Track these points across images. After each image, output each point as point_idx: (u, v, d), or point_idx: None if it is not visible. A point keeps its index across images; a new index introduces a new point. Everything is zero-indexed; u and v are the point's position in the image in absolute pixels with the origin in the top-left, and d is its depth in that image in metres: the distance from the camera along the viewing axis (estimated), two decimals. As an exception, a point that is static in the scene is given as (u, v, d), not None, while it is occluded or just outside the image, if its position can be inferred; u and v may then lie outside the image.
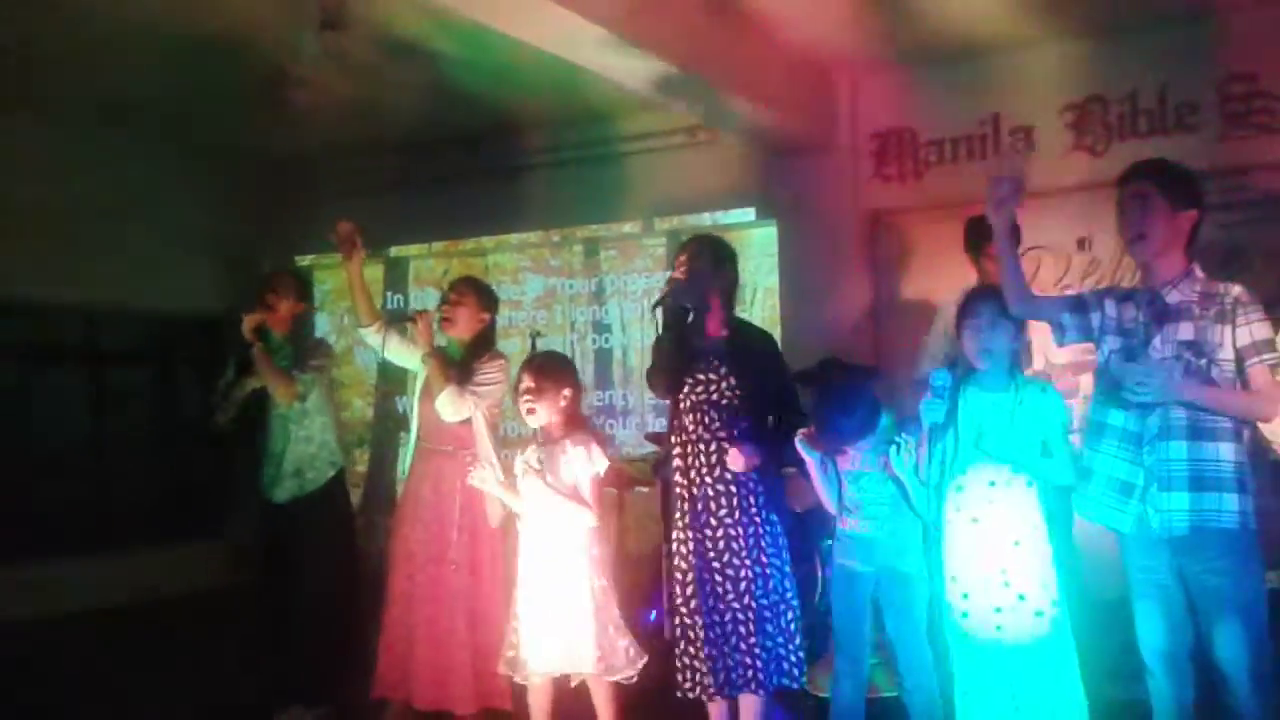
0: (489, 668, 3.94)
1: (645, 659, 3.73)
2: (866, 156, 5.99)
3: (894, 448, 3.31)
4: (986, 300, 3.36)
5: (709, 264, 3.69)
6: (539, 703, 3.78)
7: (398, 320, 4.50)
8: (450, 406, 4.15)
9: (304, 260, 7.81)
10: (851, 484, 3.48)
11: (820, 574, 4.42)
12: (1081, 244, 5.44)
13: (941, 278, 5.77)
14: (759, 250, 6.39)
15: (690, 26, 4.69)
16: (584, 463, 3.73)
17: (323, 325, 7.59)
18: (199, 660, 5.19)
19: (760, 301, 6.40)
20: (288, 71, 5.35)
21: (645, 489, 5.24)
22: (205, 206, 7.49)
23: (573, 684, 3.74)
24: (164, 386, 7.77)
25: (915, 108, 5.84)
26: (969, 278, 5.54)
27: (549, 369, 3.85)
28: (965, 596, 3.32)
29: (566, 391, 3.81)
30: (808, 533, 4.45)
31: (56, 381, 7.18)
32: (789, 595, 3.61)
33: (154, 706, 4.67)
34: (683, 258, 3.70)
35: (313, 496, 4.48)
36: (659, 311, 3.66)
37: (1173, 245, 3.06)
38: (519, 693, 3.88)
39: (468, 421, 4.19)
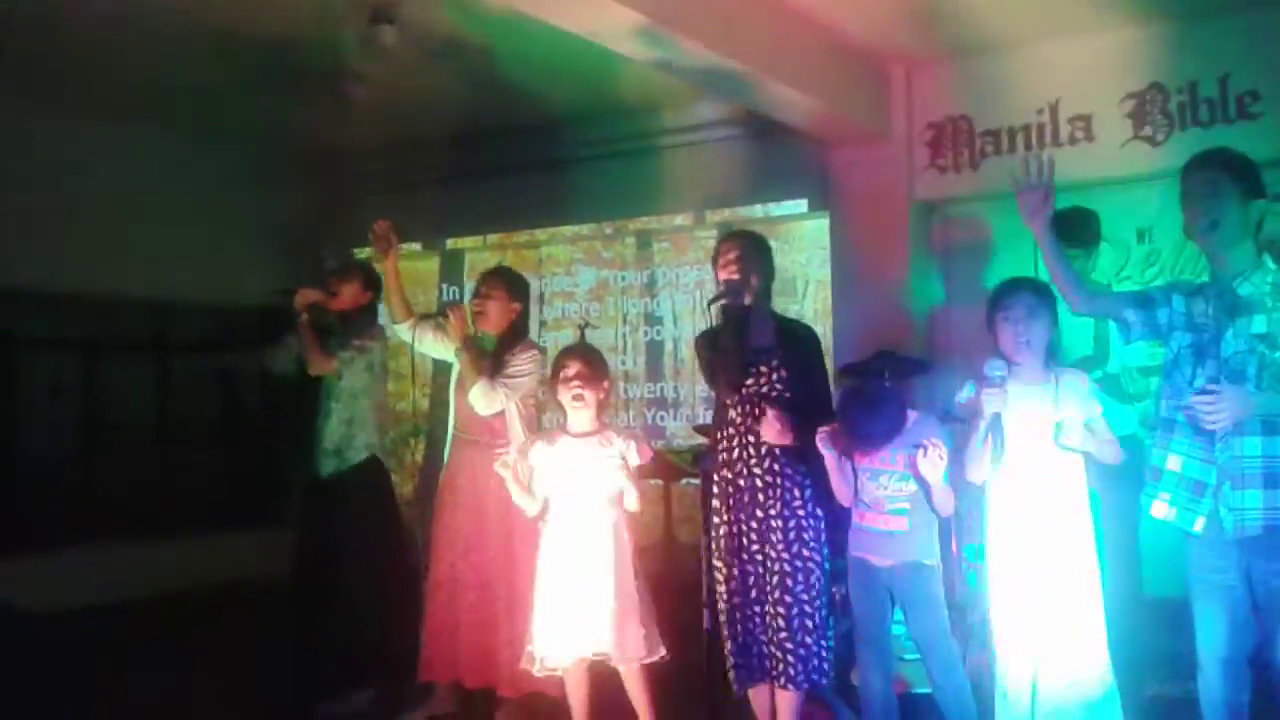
0: (522, 653, 4.00)
1: (661, 649, 3.74)
2: (921, 147, 5.91)
3: (920, 451, 3.29)
4: (1021, 291, 3.34)
5: (759, 260, 3.71)
6: (576, 690, 3.82)
7: (432, 315, 4.56)
8: (483, 399, 4.21)
9: (364, 252, 7.90)
10: (871, 480, 3.47)
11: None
12: (1141, 235, 5.35)
13: (997, 269, 5.72)
14: (811, 242, 6.36)
15: (736, 16, 4.66)
16: (629, 452, 3.75)
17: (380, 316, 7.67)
18: (251, 647, 5.30)
19: (812, 294, 6.37)
20: (344, 66, 5.43)
21: (693, 480, 5.25)
22: (269, 201, 7.63)
23: (604, 669, 3.76)
24: (229, 376, 7.93)
25: (971, 97, 5.76)
26: (1026, 271, 5.51)
27: (597, 359, 3.88)
28: (1007, 586, 3.31)
29: (605, 384, 3.86)
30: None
31: (124, 372, 7.37)
32: (825, 591, 3.60)
33: (205, 693, 4.77)
34: (732, 255, 3.68)
35: (349, 475, 4.56)
36: (713, 310, 3.67)
37: (1244, 235, 2.99)
38: (560, 680, 3.90)
39: (502, 413, 4.25)
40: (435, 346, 4.53)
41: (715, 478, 3.70)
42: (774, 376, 3.63)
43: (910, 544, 3.44)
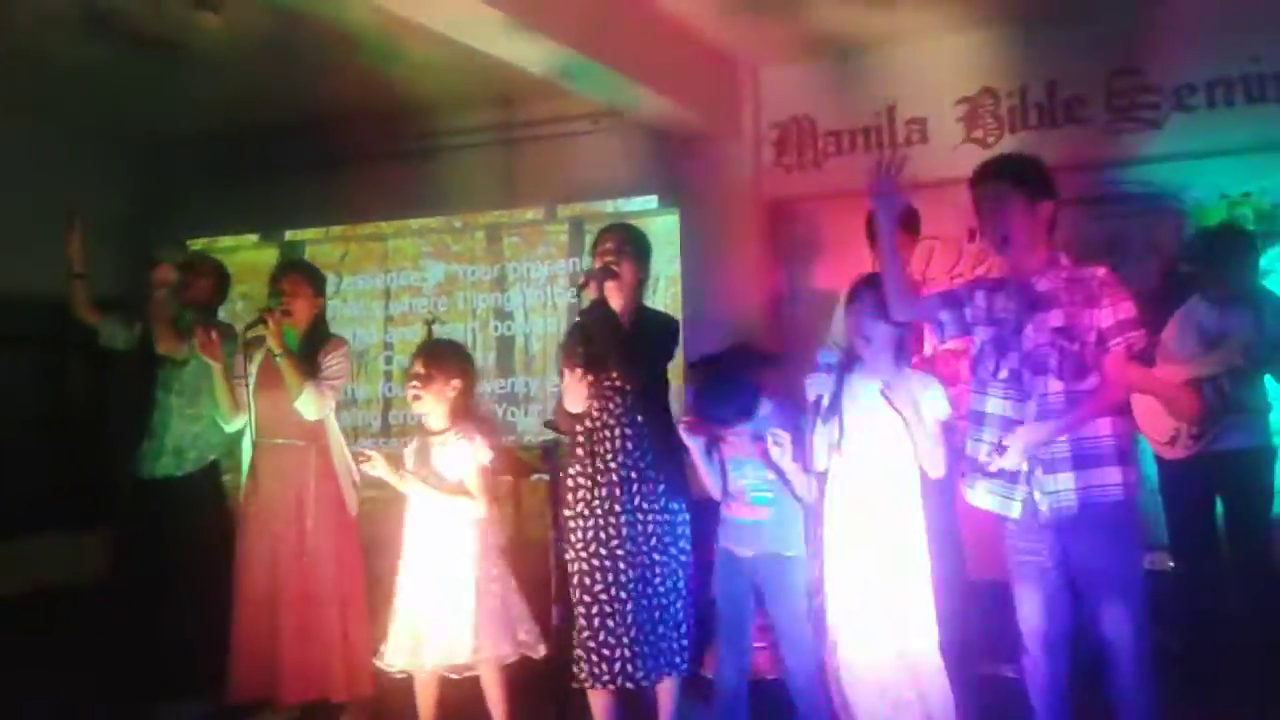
0: (358, 656, 3.93)
1: (541, 646, 3.73)
2: (767, 145, 6.04)
3: (770, 438, 3.36)
4: (870, 288, 3.42)
5: (637, 254, 3.68)
6: (425, 695, 3.76)
7: (253, 324, 4.21)
8: (315, 404, 4.10)
9: (197, 243, 7.60)
10: (735, 470, 3.52)
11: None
12: (973, 234, 5.55)
13: (841, 266, 5.88)
14: (661, 238, 6.37)
15: (591, 12, 4.66)
16: (468, 454, 3.72)
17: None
18: (79, 652, 5.04)
19: (662, 290, 6.41)
20: (168, 50, 5.21)
21: (544, 476, 5.23)
22: (95, 190, 7.19)
23: (459, 676, 3.73)
24: (53, 371, 7.49)
25: (814, 98, 5.91)
26: (867, 267, 5.68)
27: (439, 358, 3.82)
28: (839, 572, 3.39)
29: (455, 382, 3.79)
30: (707, 519, 4.50)
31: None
32: (683, 584, 3.62)
33: (32, 701, 4.50)
34: (610, 245, 3.65)
35: (187, 479, 4.39)
36: (581, 295, 3.62)
37: (1034, 239, 3.11)
38: (394, 682, 3.85)
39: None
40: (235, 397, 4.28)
41: (570, 473, 3.66)
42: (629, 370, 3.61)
43: (772, 534, 3.48)
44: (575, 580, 3.59)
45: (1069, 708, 3.17)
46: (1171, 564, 4.33)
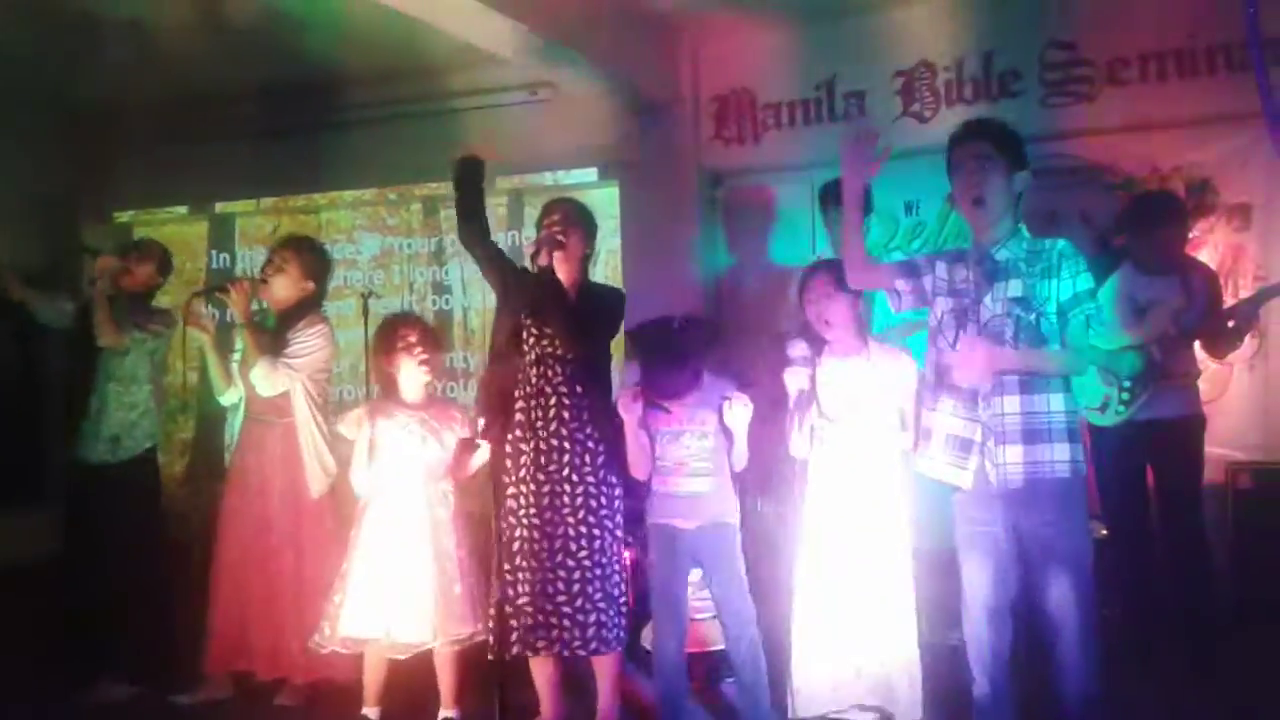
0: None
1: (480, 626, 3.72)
2: (707, 118, 6.02)
3: (726, 403, 3.37)
4: (820, 274, 3.50)
5: (583, 227, 3.69)
6: (374, 669, 3.75)
7: (214, 290, 4.28)
8: (264, 379, 4.04)
9: (123, 215, 7.41)
10: (672, 442, 3.52)
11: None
12: (909, 208, 5.60)
13: (780, 240, 5.90)
14: (601, 211, 6.28)
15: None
16: (461, 429, 3.74)
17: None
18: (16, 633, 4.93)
19: (603, 262, 6.38)
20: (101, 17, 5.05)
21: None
22: (19, 159, 6.99)
23: (406, 655, 3.72)
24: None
25: (753, 70, 5.89)
26: (806, 240, 5.70)
27: (432, 330, 3.85)
28: (822, 553, 3.43)
29: (439, 355, 3.81)
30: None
31: None
32: (616, 558, 3.62)
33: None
34: (557, 217, 3.65)
35: (124, 466, 4.30)
36: (532, 264, 3.59)
37: (1007, 206, 3.13)
38: (352, 664, 3.83)
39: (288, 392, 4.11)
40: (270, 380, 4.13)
41: (509, 439, 3.63)
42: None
43: (713, 504, 3.51)
44: (514, 548, 3.57)
45: (1010, 676, 3.21)
46: (1104, 531, 4.41)
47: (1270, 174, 4.85)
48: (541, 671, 3.67)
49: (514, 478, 3.60)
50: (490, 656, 3.54)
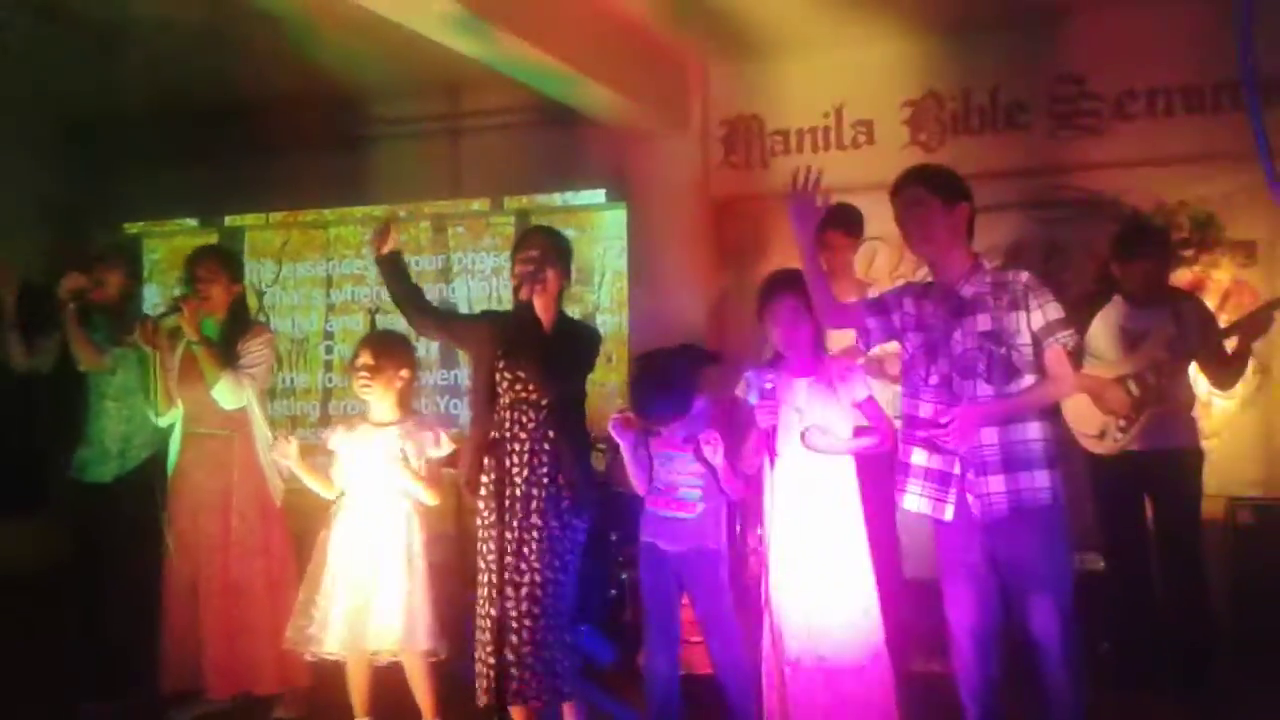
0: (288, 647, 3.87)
1: (444, 643, 3.73)
2: (716, 143, 6.05)
3: (701, 441, 3.41)
4: (784, 299, 3.44)
5: (560, 261, 3.61)
6: (358, 680, 3.78)
7: (169, 312, 4.18)
8: (231, 393, 4.06)
9: (134, 227, 7.46)
10: (663, 465, 3.54)
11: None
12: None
13: (787, 265, 5.90)
14: (609, 232, 6.40)
15: (542, 6, 4.64)
16: (433, 446, 3.74)
17: (152, 296, 7.24)
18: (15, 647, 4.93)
19: (609, 283, 6.41)
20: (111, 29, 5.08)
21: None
22: (30, 171, 7.05)
23: (383, 661, 3.74)
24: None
25: (763, 97, 5.93)
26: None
27: (388, 348, 3.81)
28: (784, 572, 3.43)
29: (404, 372, 3.79)
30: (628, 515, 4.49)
31: None
32: (570, 604, 3.53)
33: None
34: (535, 253, 3.54)
35: (133, 476, 4.30)
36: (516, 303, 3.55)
37: (955, 240, 3.18)
38: (319, 670, 3.86)
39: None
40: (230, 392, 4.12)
41: (482, 482, 3.57)
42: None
43: (698, 529, 3.52)
44: (482, 594, 3.49)
45: (999, 705, 3.22)
46: (1102, 564, 4.40)
47: (1276, 210, 4.86)
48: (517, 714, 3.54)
49: (482, 521, 3.55)
50: (479, 704, 3.47)
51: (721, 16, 5.30)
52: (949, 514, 3.15)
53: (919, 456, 3.20)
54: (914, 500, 3.23)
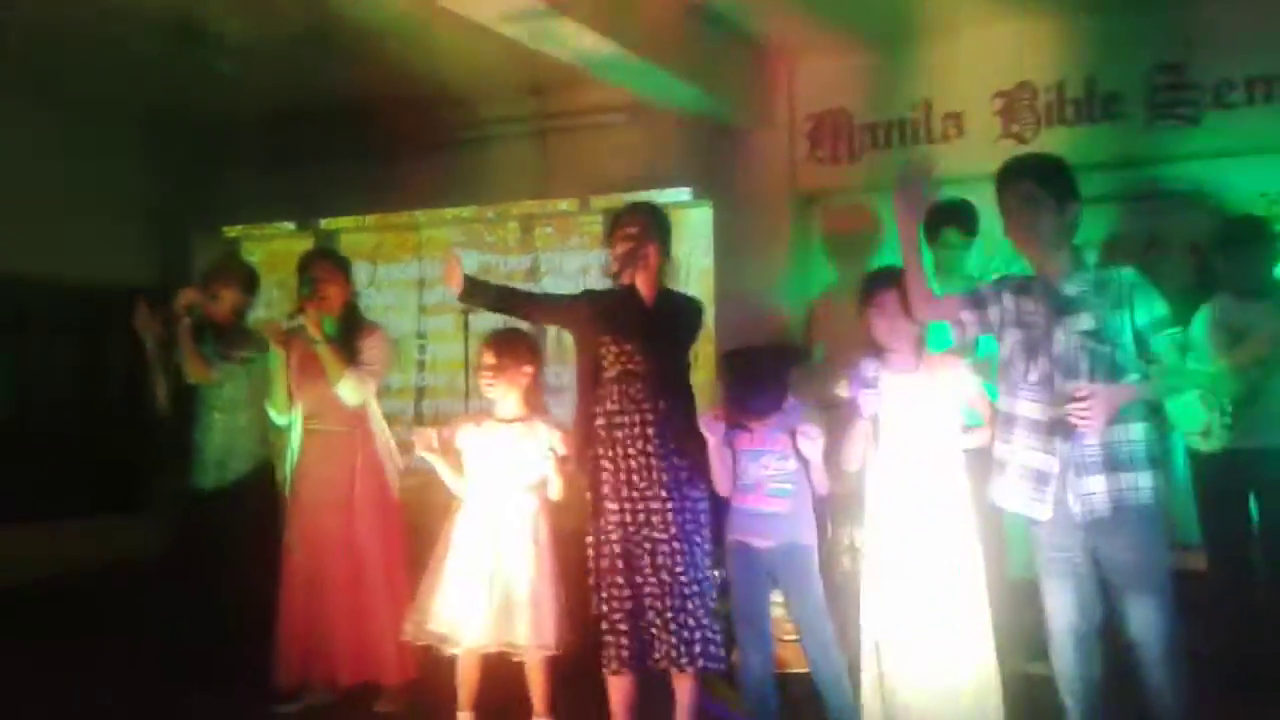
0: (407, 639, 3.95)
1: (567, 639, 3.78)
2: (802, 138, 6.02)
3: (799, 434, 3.41)
4: (886, 283, 3.46)
5: (660, 236, 3.70)
6: (468, 675, 3.83)
7: (292, 316, 4.29)
8: (355, 390, 4.16)
9: (232, 231, 7.68)
10: (753, 461, 3.55)
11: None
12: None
13: (876, 260, 5.87)
14: (695, 230, 6.40)
15: (638, 8, 4.68)
16: (555, 441, 3.79)
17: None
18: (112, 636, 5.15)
19: (695, 281, 6.42)
20: (210, 35, 5.23)
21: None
22: (132, 175, 7.32)
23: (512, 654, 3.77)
24: (90, 358, 7.58)
25: (850, 91, 5.88)
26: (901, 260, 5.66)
27: (510, 345, 3.88)
28: (885, 570, 3.41)
29: (527, 369, 3.85)
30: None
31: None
32: (704, 572, 3.63)
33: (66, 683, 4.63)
34: (634, 230, 3.66)
35: (234, 489, 4.44)
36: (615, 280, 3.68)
37: (1062, 239, 3.12)
38: (435, 663, 3.91)
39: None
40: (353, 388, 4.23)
41: (594, 457, 3.68)
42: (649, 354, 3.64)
43: (790, 525, 3.53)
44: (608, 565, 3.62)
45: (1101, 705, 3.17)
46: (1205, 564, 4.30)
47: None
48: (618, 691, 3.67)
49: (603, 496, 3.65)
50: (605, 671, 3.60)
51: (807, 9, 5.28)
52: (1046, 513, 3.11)
53: (1017, 454, 3.15)
54: (1010, 499, 3.20)
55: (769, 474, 3.54)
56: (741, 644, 3.60)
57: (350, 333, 4.27)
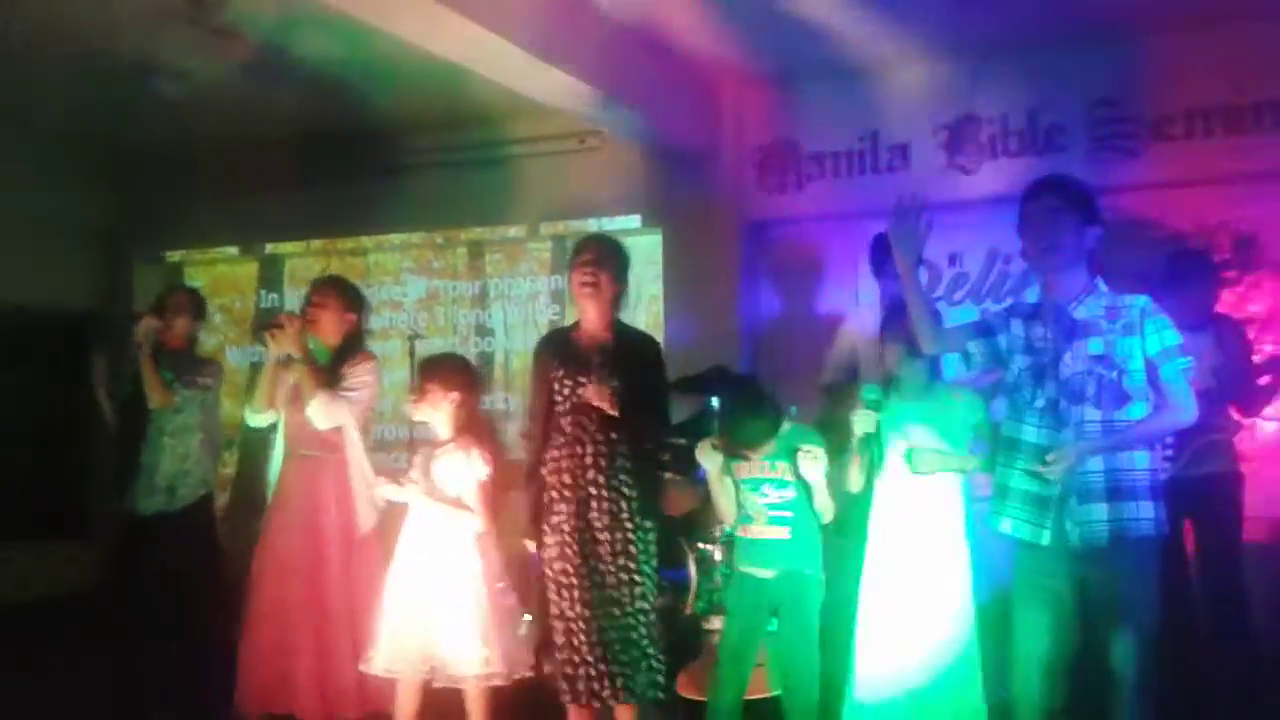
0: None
1: (528, 665, 3.72)
2: (750, 167, 6.07)
3: (801, 454, 3.38)
4: (902, 320, 3.41)
5: (615, 266, 3.70)
6: (405, 703, 3.75)
7: (263, 327, 4.32)
8: (322, 413, 4.07)
9: (174, 256, 7.57)
10: (752, 490, 3.52)
11: (694, 579, 4.47)
12: (953, 259, 5.61)
13: (821, 288, 5.92)
14: (644, 257, 6.39)
15: (573, 32, 4.69)
16: (463, 468, 3.71)
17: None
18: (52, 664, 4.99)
19: (644, 308, 6.42)
20: (157, 62, 5.18)
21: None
22: (74, 200, 7.18)
23: (435, 684, 3.70)
24: (25, 381, 7.40)
25: (797, 122, 5.94)
26: (848, 290, 5.72)
27: (436, 372, 3.83)
28: (883, 594, 3.42)
29: (453, 395, 3.79)
30: (680, 538, 4.50)
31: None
32: (650, 604, 3.61)
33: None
34: (589, 257, 3.65)
35: (179, 515, 4.38)
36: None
37: (1078, 260, 3.09)
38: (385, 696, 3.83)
39: (339, 427, 4.13)
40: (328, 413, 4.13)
41: (548, 485, 3.65)
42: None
43: (794, 552, 3.49)
44: (560, 595, 3.58)
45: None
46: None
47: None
48: (579, 717, 3.63)
49: (550, 524, 3.62)
50: (564, 700, 3.56)
51: (755, 41, 5.33)
52: (1046, 539, 3.06)
53: (1018, 480, 3.12)
54: (1009, 524, 3.15)
55: (769, 502, 3.50)
56: (720, 675, 3.51)
57: (341, 358, 4.21)
